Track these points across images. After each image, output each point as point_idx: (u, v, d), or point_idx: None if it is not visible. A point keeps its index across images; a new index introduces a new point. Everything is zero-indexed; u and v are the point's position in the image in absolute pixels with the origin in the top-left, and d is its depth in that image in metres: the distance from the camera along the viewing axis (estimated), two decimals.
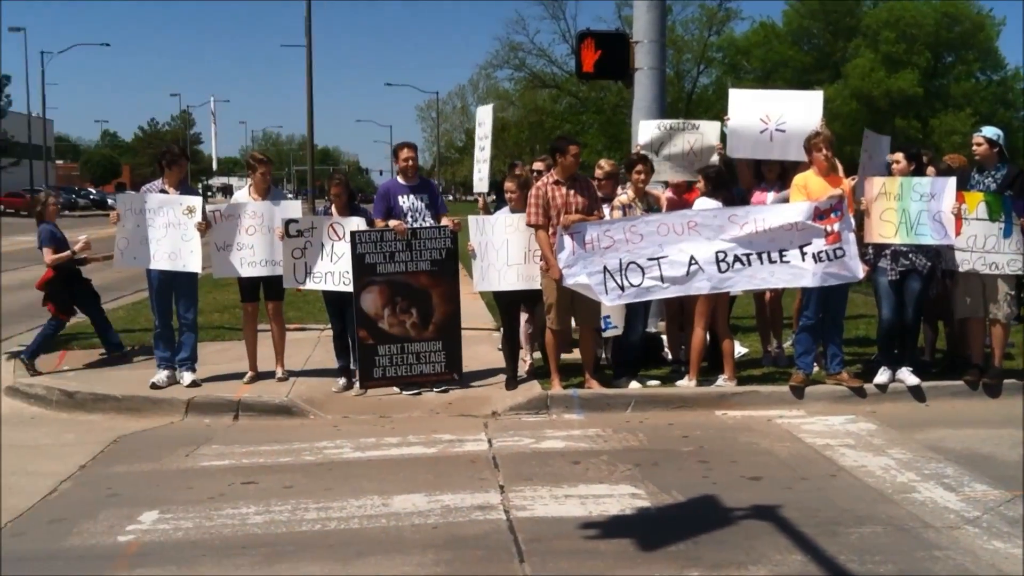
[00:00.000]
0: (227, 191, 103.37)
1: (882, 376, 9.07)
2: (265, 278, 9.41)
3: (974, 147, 9.13)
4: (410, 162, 9.43)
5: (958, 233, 8.69)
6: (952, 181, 8.68)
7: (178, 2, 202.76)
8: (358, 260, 9.07)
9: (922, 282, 8.89)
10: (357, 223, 9.19)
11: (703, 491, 6.52)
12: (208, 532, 5.83)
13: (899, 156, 9.04)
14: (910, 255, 8.87)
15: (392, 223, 9.14)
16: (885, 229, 8.81)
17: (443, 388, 9.20)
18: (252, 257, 9.29)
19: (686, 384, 9.08)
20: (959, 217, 8.67)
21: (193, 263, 9.18)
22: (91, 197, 78.73)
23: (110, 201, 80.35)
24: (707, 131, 9.69)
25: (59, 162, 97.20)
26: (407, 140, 9.64)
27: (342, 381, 9.29)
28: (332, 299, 9.36)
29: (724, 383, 9.06)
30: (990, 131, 9.17)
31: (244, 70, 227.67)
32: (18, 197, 63.79)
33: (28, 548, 5.65)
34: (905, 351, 9.14)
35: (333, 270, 9.15)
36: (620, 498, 6.38)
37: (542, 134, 53.19)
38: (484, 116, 10.92)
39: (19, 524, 6.03)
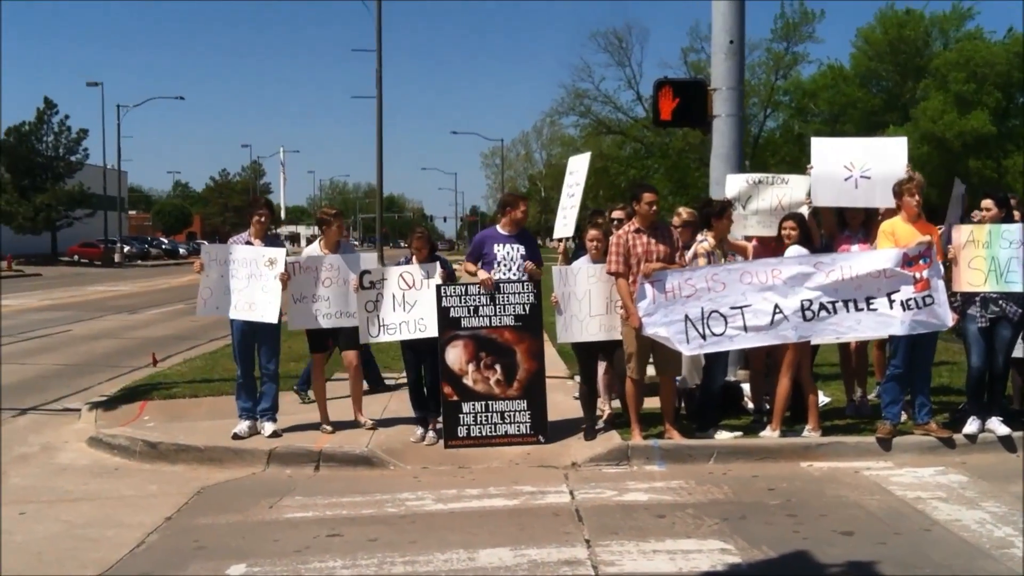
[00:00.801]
0: (295, 239, 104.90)
1: (972, 426, 8.84)
2: (341, 329, 9.49)
3: None
4: (522, 215, 9.52)
5: None
6: None
7: (250, 54, 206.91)
8: (443, 313, 9.13)
9: (1013, 329, 8.70)
10: (427, 269, 9.23)
11: (795, 546, 6.37)
12: None
13: (989, 203, 8.87)
14: (1000, 301, 8.69)
15: (481, 275, 9.20)
16: (974, 277, 8.64)
17: None
18: (328, 308, 9.38)
19: (769, 435, 8.93)
20: None
21: (270, 314, 9.27)
22: (163, 247, 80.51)
23: (182, 251, 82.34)
24: (796, 185, 9.56)
25: (131, 212, 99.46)
26: (520, 193, 9.75)
27: (420, 431, 9.30)
28: (409, 348, 9.39)
29: (809, 434, 8.89)
30: None
31: (312, 121, 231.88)
32: (93, 247, 65.44)
33: None
34: (994, 400, 8.92)
35: (407, 319, 9.19)
36: (710, 554, 6.25)
37: (607, 179, 53.22)
38: (578, 165, 10.97)
39: None
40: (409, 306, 9.20)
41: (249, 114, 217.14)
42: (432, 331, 9.15)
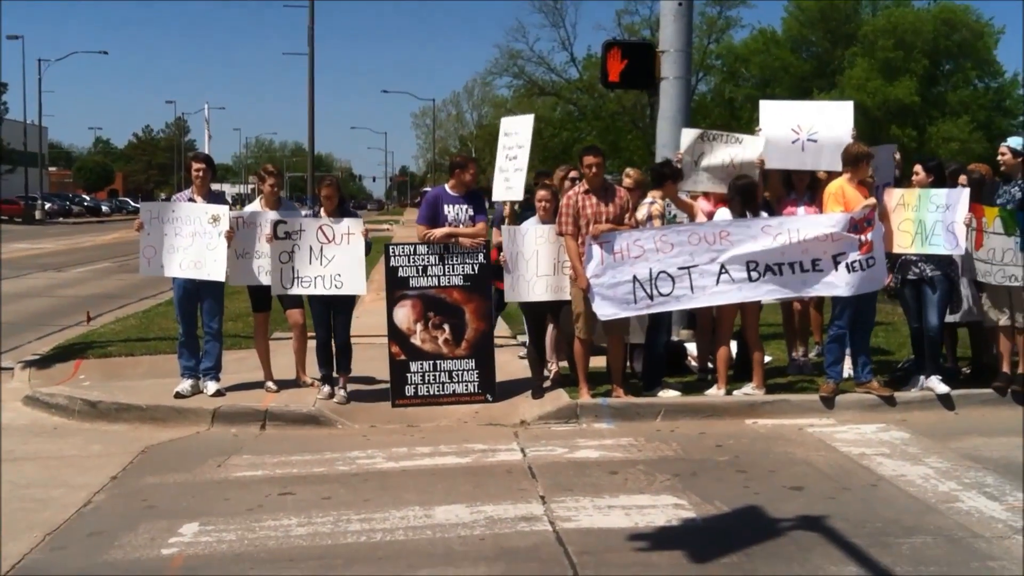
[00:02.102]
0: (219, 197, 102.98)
1: (912, 384, 9.08)
2: None
3: (1000, 157, 9.17)
4: (471, 176, 9.37)
5: (979, 246, 8.80)
6: (966, 193, 8.75)
7: (176, 6, 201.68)
8: (391, 273, 9.06)
9: (937, 290, 8.88)
10: (349, 224, 9.07)
11: (747, 502, 6.47)
12: (253, 544, 5.76)
13: (918, 168, 9.09)
14: (920, 264, 8.91)
15: (436, 232, 9.11)
16: (903, 239, 8.90)
17: None
18: (271, 265, 9.21)
19: (715, 393, 9.04)
20: (980, 230, 8.73)
21: (217, 272, 9.09)
22: (85, 204, 78.60)
23: (104, 208, 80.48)
24: (749, 145, 9.59)
25: (52, 169, 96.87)
26: (469, 156, 9.65)
27: (326, 389, 9.15)
28: (320, 302, 9.18)
29: (753, 392, 9.02)
30: (1016, 141, 9.19)
31: (238, 77, 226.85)
32: (13, 204, 63.62)
33: (71, 563, 5.58)
34: (931, 359, 9.12)
35: (323, 274, 8.97)
36: (664, 509, 6.32)
37: (540, 141, 53.11)
38: (517, 127, 10.85)
39: (59, 538, 5.94)
40: (327, 260, 8.98)
41: (174, 69, 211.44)
42: (348, 288, 9.00)
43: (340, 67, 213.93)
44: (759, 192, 9.27)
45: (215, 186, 10.20)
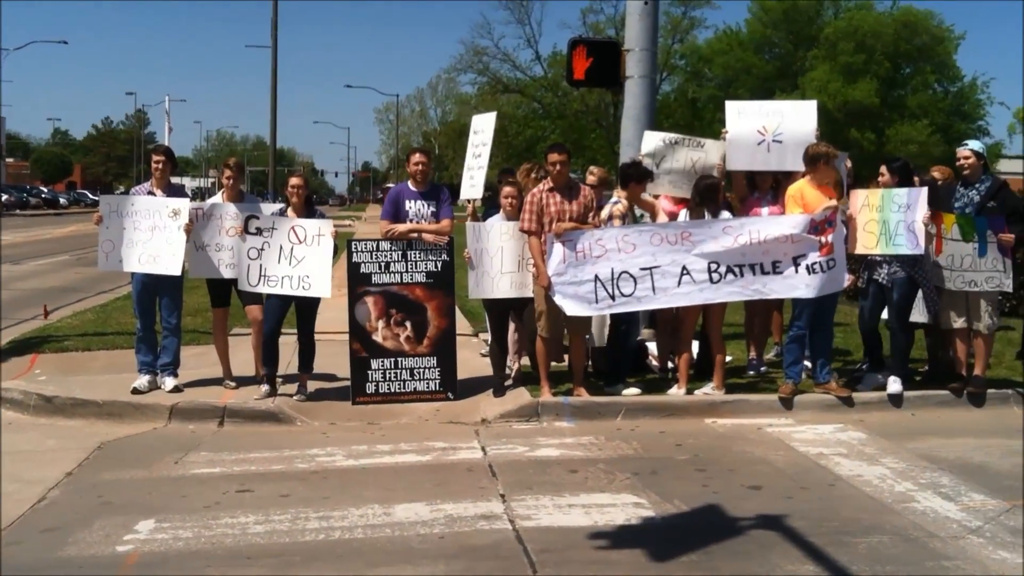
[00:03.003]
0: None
1: (868, 384, 9.17)
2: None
3: (961, 160, 9.25)
4: (420, 167, 9.28)
5: (939, 252, 8.87)
6: (924, 192, 8.77)
7: (137, 1, 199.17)
8: (353, 269, 9.01)
9: (897, 291, 8.97)
10: (320, 226, 8.98)
11: (705, 500, 6.50)
12: (209, 542, 5.70)
13: (883, 168, 9.14)
14: (883, 264, 8.99)
15: (398, 227, 9.08)
16: (867, 240, 8.95)
17: None
18: (231, 259, 9.13)
19: (676, 393, 9.07)
20: (940, 236, 8.81)
21: (174, 266, 8.99)
22: (43, 196, 77.55)
23: (62, 200, 79.42)
24: (711, 150, 9.60)
25: (8, 160, 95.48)
26: (415, 146, 9.58)
27: (265, 388, 9.04)
28: (276, 298, 9.07)
29: (713, 391, 9.06)
30: (977, 144, 9.31)
31: (200, 69, 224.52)
32: None
33: (26, 558, 5.49)
34: (893, 359, 9.22)
35: (292, 274, 8.88)
36: (624, 507, 6.34)
37: (504, 139, 53.18)
38: (484, 124, 10.83)
39: (12, 534, 5.85)
40: (296, 260, 8.89)
41: (135, 61, 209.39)
42: (315, 291, 8.90)
43: (303, 61, 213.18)
44: (720, 193, 9.32)
45: (175, 179, 10.08)
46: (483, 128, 10.71)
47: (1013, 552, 5.61)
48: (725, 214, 9.04)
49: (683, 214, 9.17)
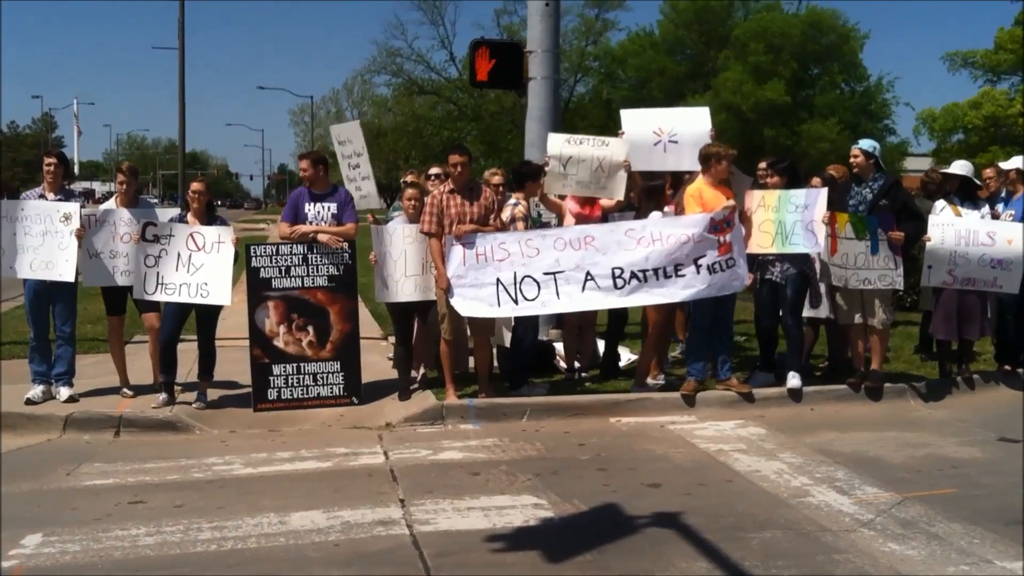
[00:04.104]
0: (89, 196, 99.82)
1: (768, 381, 9.31)
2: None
3: (852, 159, 9.44)
4: (306, 172, 9.18)
5: (834, 252, 9.02)
6: (824, 192, 8.94)
7: (42, 2, 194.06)
8: (253, 274, 8.87)
9: (791, 289, 9.12)
10: (220, 232, 8.84)
11: (605, 499, 6.53)
12: (97, 555, 5.55)
13: (769, 170, 9.29)
14: (777, 263, 9.14)
15: (298, 228, 8.99)
16: (763, 240, 9.08)
17: None
18: (126, 266, 8.93)
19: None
20: (834, 236, 8.97)
21: (68, 272, 8.77)
22: None
23: None
24: (615, 148, 9.64)
25: None
26: (311, 151, 9.45)
27: (163, 396, 8.85)
28: (174, 306, 8.89)
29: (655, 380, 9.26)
30: (867, 144, 9.49)
31: (108, 72, 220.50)
32: None
33: None
34: (790, 355, 9.37)
35: (190, 281, 8.71)
36: (523, 509, 6.33)
37: (420, 141, 52.95)
38: (350, 133, 10.70)
39: None
40: (195, 268, 8.73)
41: (41, 63, 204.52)
42: (214, 298, 8.76)
43: (214, 62, 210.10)
44: (665, 196, 9.42)
45: (84, 184, 9.88)
46: (350, 138, 10.63)
47: (903, 544, 5.72)
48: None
49: (655, 215, 9.18)
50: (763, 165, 9.39)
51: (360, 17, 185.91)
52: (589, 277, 8.61)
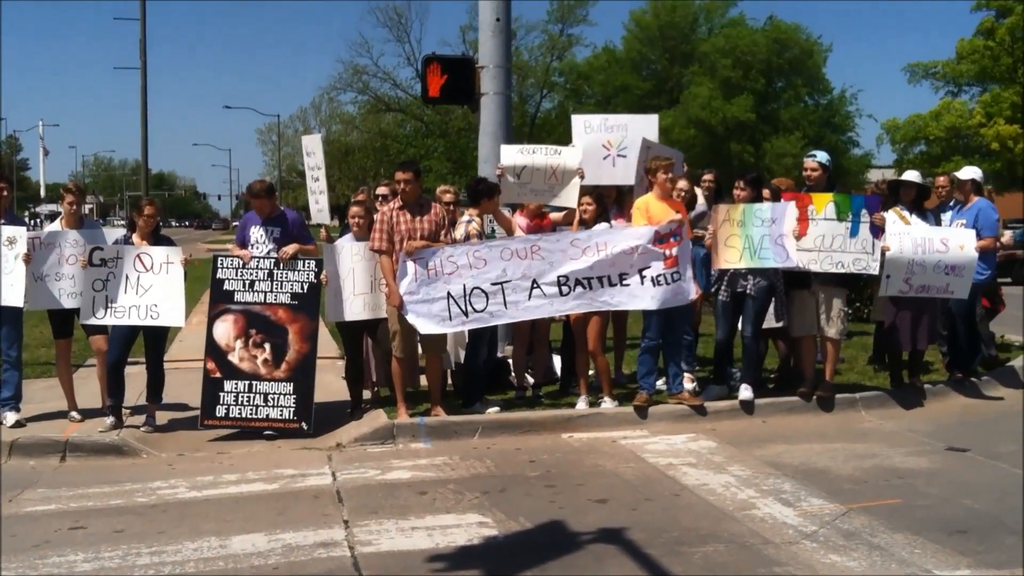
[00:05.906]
0: (55, 218, 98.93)
1: (719, 393, 9.33)
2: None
3: (808, 171, 9.50)
4: (255, 202, 9.19)
5: (804, 234, 8.99)
6: (791, 206, 8.99)
7: (4, 23, 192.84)
8: (217, 285, 8.80)
9: (756, 303, 9.15)
10: (168, 253, 8.78)
11: (551, 516, 6.50)
12: None
13: (739, 183, 9.34)
14: (748, 276, 9.13)
15: (243, 252, 8.94)
16: (730, 255, 9.07)
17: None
18: (72, 288, 8.86)
19: (609, 405, 9.22)
20: (805, 219, 8.96)
21: (14, 297, 8.66)
22: None
23: None
24: (568, 156, 9.66)
25: None
26: (259, 179, 9.46)
27: (110, 420, 8.75)
28: (122, 328, 8.81)
29: (608, 401, 9.22)
30: (823, 156, 9.58)
31: (74, 94, 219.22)
32: None
33: None
34: (746, 368, 9.41)
35: (139, 303, 8.64)
36: (468, 528, 6.28)
37: (387, 158, 52.93)
38: (313, 146, 10.71)
39: None
40: (143, 290, 8.66)
41: (4, 84, 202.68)
42: (164, 320, 8.70)
43: (180, 82, 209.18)
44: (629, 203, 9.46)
45: (51, 207, 9.81)
46: (313, 150, 10.64)
47: (844, 555, 5.73)
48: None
49: (602, 225, 9.18)
50: (741, 184, 9.38)
51: (326, 35, 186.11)
52: (535, 285, 8.64)
